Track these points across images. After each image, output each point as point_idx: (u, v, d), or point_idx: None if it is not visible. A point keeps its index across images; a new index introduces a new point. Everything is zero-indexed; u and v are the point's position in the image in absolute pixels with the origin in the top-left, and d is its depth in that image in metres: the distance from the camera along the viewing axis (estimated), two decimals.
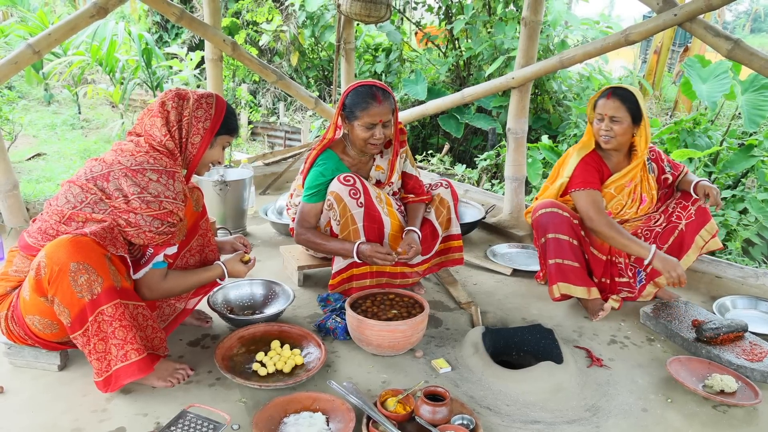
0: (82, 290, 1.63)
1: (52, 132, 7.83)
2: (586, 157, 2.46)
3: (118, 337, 1.68)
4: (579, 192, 2.43)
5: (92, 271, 1.63)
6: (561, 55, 3.17)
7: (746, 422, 1.84)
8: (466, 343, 2.19)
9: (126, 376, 1.70)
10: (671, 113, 7.24)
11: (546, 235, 2.44)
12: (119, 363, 1.70)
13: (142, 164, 1.75)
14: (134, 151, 1.78)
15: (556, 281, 2.43)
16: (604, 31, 6.60)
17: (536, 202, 2.58)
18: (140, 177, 1.73)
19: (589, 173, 2.44)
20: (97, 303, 1.65)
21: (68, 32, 2.99)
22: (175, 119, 1.84)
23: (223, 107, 1.92)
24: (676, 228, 2.48)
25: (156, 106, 1.86)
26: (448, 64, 6.81)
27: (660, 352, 2.25)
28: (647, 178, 2.51)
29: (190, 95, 1.88)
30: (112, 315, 1.67)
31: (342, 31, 4.30)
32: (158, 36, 10.09)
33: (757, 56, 2.52)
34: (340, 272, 2.41)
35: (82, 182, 1.74)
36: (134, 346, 1.70)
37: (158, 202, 1.73)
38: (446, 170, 5.91)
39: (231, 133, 1.98)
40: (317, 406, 1.74)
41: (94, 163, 1.79)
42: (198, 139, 1.87)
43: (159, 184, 1.75)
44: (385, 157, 2.51)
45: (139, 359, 1.71)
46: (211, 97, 1.91)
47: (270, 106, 9.58)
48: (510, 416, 1.82)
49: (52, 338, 1.80)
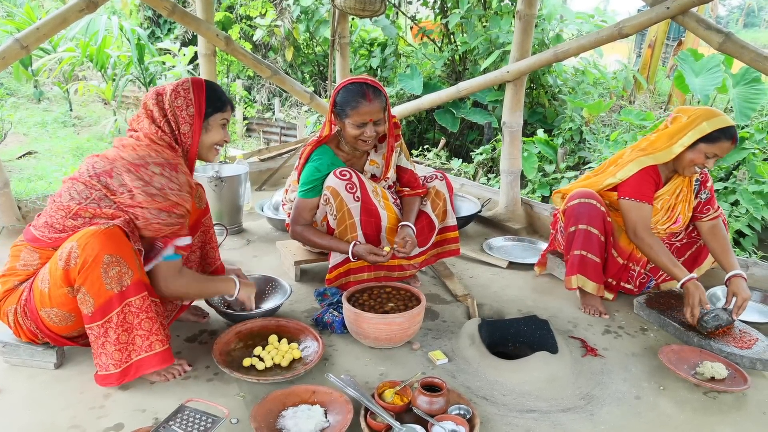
0: (111, 282, 1.66)
1: (43, 130, 7.77)
2: (648, 168, 2.35)
3: (144, 329, 1.72)
4: (631, 202, 2.34)
5: (123, 264, 1.66)
6: (555, 48, 3.18)
7: (736, 408, 1.87)
8: (462, 335, 2.21)
9: (149, 365, 1.75)
10: (665, 107, 7.26)
11: (578, 224, 2.40)
12: (143, 353, 1.74)
13: (144, 158, 1.75)
14: (135, 145, 1.78)
15: (576, 272, 2.42)
16: (599, 25, 6.61)
17: (573, 188, 2.52)
18: (143, 171, 1.73)
19: (647, 186, 2.35)
20: (125, 295, 1.68)
21: (57, 27, 2.97)
22: (160, 115, 1.83)
23: (201, 88, 1.87)
24: (695, 244, 2.54)
25: (141, 109, 1.86)
26: (444, 58, 6.81)
27: (653, 341, 2.28)
28: (689, 200, 2.45)
29: (167, 88, 1.86)
30: (139, 307, 1.71)
31: (337, 26, 4.29)
32: (150, 31, 10.03)
33: (748, 49, 2.54)
34: (337, 266, 2.42)
35: (85, 179, 1.74)
36: (159, 338, 1.75)
37: (163, 194, 1.73)
38: (442, 165, 5.93)
39: (221, 110, 1.92)
40: (315, 398, 1.76)
41: (96, 159, 1.79)
42: (187, 128, 1.86)
43: (162, 177, 1.74)
44: (380, 152, 2.52)
45: (163, 350, 1.76)
46: (186, 82, 1.87)
47: (265, 102, 9.56)
48: (506, 405, 1.84)
49: (64, 331, 1.80)
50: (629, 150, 2.46)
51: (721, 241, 2.40)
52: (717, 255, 2.39)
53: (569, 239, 2.46)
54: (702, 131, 2.22)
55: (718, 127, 2.21)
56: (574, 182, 2.65)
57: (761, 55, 2.52)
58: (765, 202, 3.97)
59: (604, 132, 5.60)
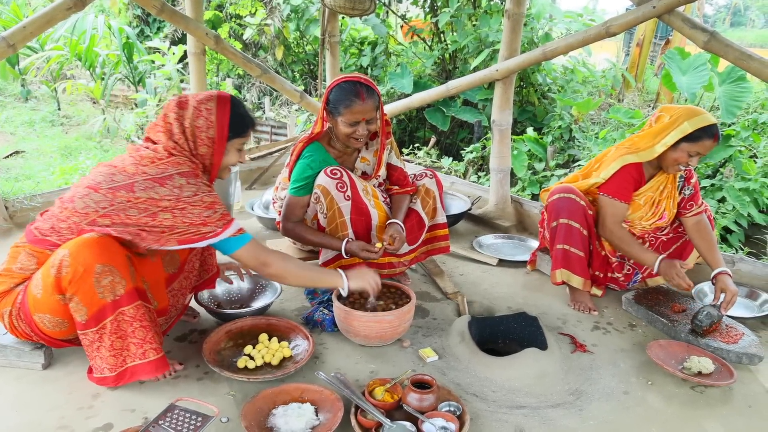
0: (104, 291, 1.64)
1: (31, 129, 7.69)
2: (630, 166, 2.37)
3: (138, 337, 1.71)
4: (608, 199, 2.39)
5: (116, 273, 1.64)
6: (544, 47, 3.20)
7: (722, 401, 1.90)
8: (452, 332, 2.22)
9: (143, 372, 1.74)
10: (653, 105, 7.32)
11: (558, 219, 2.44)
12: (137, 360, 1.73)
13: (167, 170, 1.72)
14: (154, 158, 1.74)
15: (560, 267, 2.45)
16: (588, 23, 6.63)
17: (555, 185, 2.56)
18: (170, 183, 1.71)
19: (627, 184, 2.38)
20: (118, 304, 1.67)
21: (44, 25, 2.94)
22: (179, 130, 1.79)
23: (226, 110, 1.82)
24: (681, 239, 2.57)
25: (161, 119, 1.82)
26: (434, 57, 6.82)
27: (641, 336, 2.30)
28: (674, 196, 2.47)
29: (190, 102, 1.80)
30: (133, 315, 1.69)
31: (327, 25, 4.29)
32: (139, 30, 9.95)
33: (732, 48, 2.57)
34: (328, 263, 2.42)
35: (104, 190, 1.70)
36: (153, 346, 1.74)
37: (199, 199, 1.73)
38: (433, 163, 5.94)
39: (243, 136, 1.88)
40: (306, 396, 1.76)
41: (113, 171, 1.73)
42: (205, 149, 1.81)
43: (190, 186, 1.73)
44: (371, 149, 2.52)
45: (157, 358, 1.75)
46: (211, 101, 1.81)
47: (255, 101, 9.52)
48: (496, 402, 1.85)
49: (59, 336, 1.79)
50: (614, 148, 2.48)
51: (707, 237, 2.43)
52: (703, 252, 2.41)
53: (552, 234, 2.49)
54: (684, 131, 2.24)
55: (699, 127, 2.23)
56: (562, 180, 2.66)
57: (745, 53, 2.55)
58: (751, 198, 4.02)
59: (594, 130, 5.64)
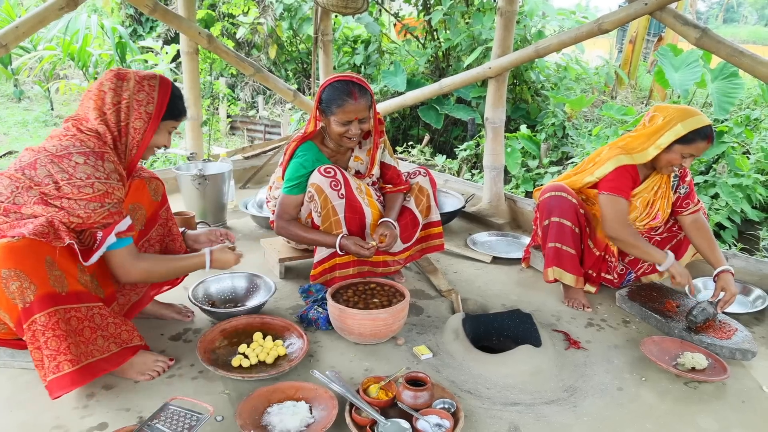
0: (15, 297, 1.55)
1: (24, 129, 7.66)
2: (627, 166, 2.37)
3: (51, 348, 1.60)
4: (609, 196, 2.36)
5: (24, 278, 1.54)
6: (537, 44, 3.21)
7: (716, 397, 1.91)
8: (446, 330, 2.22)
9: (59, 387, 1.61)
10: (646, 102, 7.35)
11: (550, 217, 2.44)
12: (51, 374, 1.61)
13: (68, 148, 1.67)
14: (61, 135, 1.72)
15: (552, 265, 2.46)
16: (580, 21, 6.66)
17: (547, 184, 2.56)
18: (66, 162, 1.65)
19: (624, 181, 2.37)
20: (29, 312, 1.57)
21: (37, 25, 2.92)
22: (112, 101, 1.75)
23: (168, 90, 1.82)
24: (675, 237, 2.57)
25: (94, 87, 1.78)
26: (427, 55, 6.83)
27: (635, 333, 2.31)
28: (668, 196, 2.48)
29: (131, 76, 1.78)
30: (44, 324, 1.58)
31: (320, 23, 4.29)
32: (132, 29, 9.91)
33: (724, 44, 2.58)
34: (322, 262, 2.42)
35: (11, 173, 1.68)
36: (67, 357, 1.61)
37: (89, 185, 1.65)
38: (427, 161, 5.94)
39: (177, 119, 1.88)
40: (300, 395, 1.76)
41: (24, 153, 1.72)
42: (140, 123, 1.79)
43: (87, 166, 1.66)
44: (364, 148, 2.52)
45: (72, 370, 1.61)
46: (154, 78, 1.81)
47: (249, 100, 9.50)
48: (490, 399, 1.86)
49: (8, 336, 1.77)
50: (607, 148, 2.49)
51: (706, 236, 2.44)
52: (703, 251, 2.42)
53: (544, 232, 2.50)
54: (677, 133, 2.24)
55: (692, 129, 2.22)
56: (556, 178, 2.67)
57: (737, 50, 2.57)
58: (744, 195, 4.05)
59: (587, 127, 5.66)
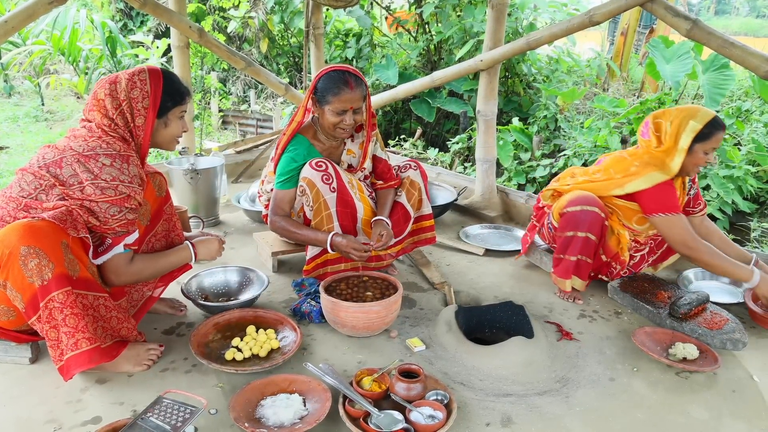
0: (32, 275, 1.59)
1: (15, 125, 7.60)
2: (664, 183, 2.30)
3: (69, 325, 1.64)
4: (667, 217, 2.30)
5: (43, 256, 1.58)
6: (528, 36, 3.20)
7: (707, 386, 1.93)
8: (439, 322, 2.23)
9: (77, 365, 1.66)
10: (638, 93, 7.37)
11: (577, 231, 2.38)
12: (69, 352, 1.66)
13: (95, 149, 1.71)
14: (87, 136, 1.74)
15: (572, 275, 2.44)
16: (572, 13, 6.67)
17: (571, 192, 2.48)
18: (93, 163, 1.69)
19: (670, 197, 2.31)
20: (47, 289, 1.60)
21: (26, 20, 2.89)
22: (114, 106, 1.78)
23: (159, 80, 1.83)
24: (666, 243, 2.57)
25: (91, 99, 1.80)
26: (419, 48, 6.81)
27: (627, 324, 2.33)
28: (682, 200, 2.48)
29: (121, 77, 1.79)
30: (62, 302, 1.62)
31: (311, 17, 4.26)
32: (122, 24, 9.82)
33: (715, 36, 2.59)
34: (315, 258, 2.42)
35: (34, 169, 1.70)
36: (85, 335, 1.66)
37: (113, 187, 1.69)
38: (419, 154, 5.94)
39: (179, 103, 1.88)
40: (294, 387, 1.76)
41: (47, 150, 1.74)
42: (142, 120, 1.81)
43: (113, 168, 1.70)
44: (357, 141, 2.52)
45: (90, 348, 1.67)
46: (143, 72, 1.81)
47: (240, 94, 9.45)
48: (483, 390, 1.87)
49: (11, 326, 1.77)
50: (628, 156, 2.42)
51: (720, 235, 2.51)
52: (725, 251, 2.40)
53: (565, 242, 2.43)
54: (694, 129, 2.24)
55: (706, 121, 2.24)
56: (573, 183, 2.57)
57: (727, 41, 2.57)
58: (735, 186, 4.08)
59: (579, 119, 5.67)
